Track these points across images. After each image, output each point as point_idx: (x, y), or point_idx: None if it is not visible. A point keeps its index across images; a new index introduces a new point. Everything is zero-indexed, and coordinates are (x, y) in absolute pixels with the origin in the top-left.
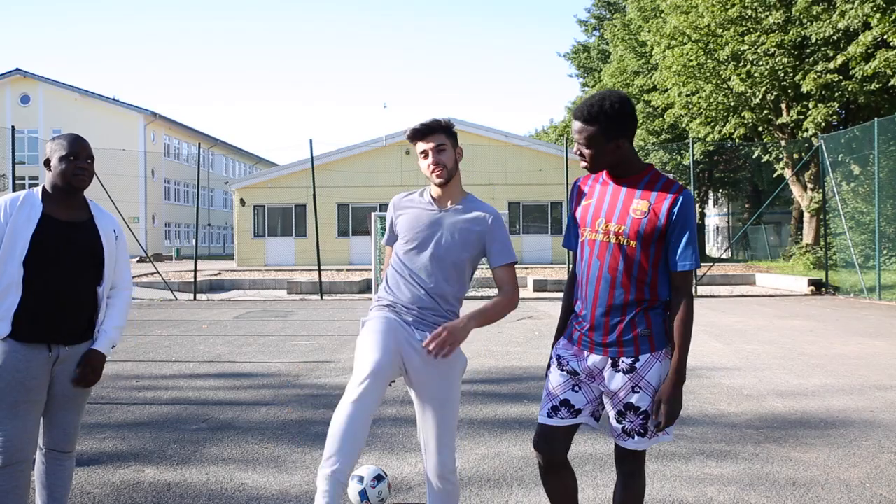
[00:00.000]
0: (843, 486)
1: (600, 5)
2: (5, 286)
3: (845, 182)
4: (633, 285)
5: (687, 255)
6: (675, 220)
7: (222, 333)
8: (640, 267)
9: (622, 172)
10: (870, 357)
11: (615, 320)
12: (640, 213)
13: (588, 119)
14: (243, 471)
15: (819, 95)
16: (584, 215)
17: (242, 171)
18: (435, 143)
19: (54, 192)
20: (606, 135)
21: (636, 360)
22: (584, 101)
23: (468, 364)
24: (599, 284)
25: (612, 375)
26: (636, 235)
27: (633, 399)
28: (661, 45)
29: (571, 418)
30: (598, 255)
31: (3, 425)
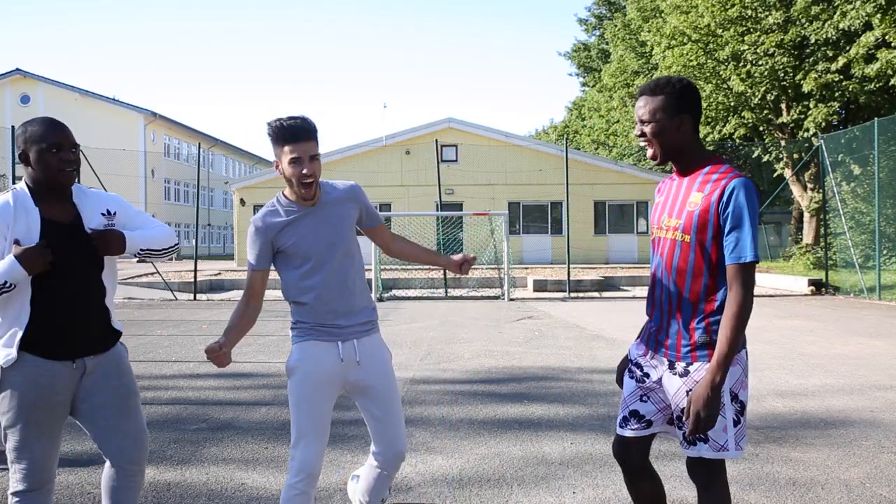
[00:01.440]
0: (843, 486)
1: (601, 4)
2: (10, 307)
3: (845, 182)
4: (688, 284)
5: (740, 247)
6: (725, 209)
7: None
8: (696, 264)
9: (687, 164)
10: (870, 357)
11: (673, 321)
12: (693, 205)
13: (654, 90)
14: (243, 471)
15: (819, 95)
16: (655, 214)
17: (242, 171)
18: (311, 152)
19: (40, 190)
20: (670, 108)
21: (690, 364)
22: (647, 82)
23: (469, 364)
24: (660, 283)
25: (669, 378)
26: (690, 229)
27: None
28: (661, 45)
29: (643, 429)
30: (660, 253)
31: (30, 447)
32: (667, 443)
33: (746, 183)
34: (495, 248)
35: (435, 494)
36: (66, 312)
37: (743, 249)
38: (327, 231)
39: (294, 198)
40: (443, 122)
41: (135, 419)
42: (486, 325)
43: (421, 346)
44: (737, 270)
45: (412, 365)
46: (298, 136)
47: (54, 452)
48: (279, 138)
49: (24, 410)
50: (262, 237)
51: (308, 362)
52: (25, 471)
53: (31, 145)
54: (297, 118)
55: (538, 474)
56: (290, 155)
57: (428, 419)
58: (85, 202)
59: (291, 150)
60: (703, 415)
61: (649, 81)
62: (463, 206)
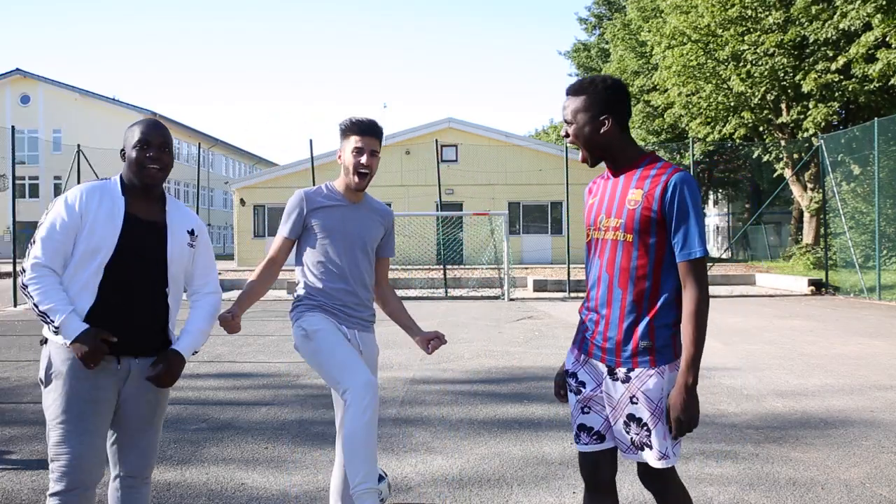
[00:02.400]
0: (843, 486)
1: (601, 4)
2: (79, 288)
3: (845, 182)
4: (631, 285)
5: (689, 243)
6: (669, 205)
7: (222, 333)
8: (638, 264)
9: (619, 163)
10: (870, 357)
11: (613, 325)
12: (633, 202)
13: (577, 90)
14: (243, 471)
15: (819, 95)
16: (589, 215)
17: (242, 171)
18: (373, 147)
19: (131, 186)
20: (592, 108)
21: (631, 370)
22: (571, 83)
23: (469, 364)
24: (599, 285)
25: (610, 385)
26: (632, 228)
27: (632, 410)
28: (661, 45)
29: (596, 443)
30: (599, 254)
31: (70, 441)
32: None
33: (688, 177)
34: (495, 248)
35: (435, 494)
36: (123, 310)
37: (692, 246)
38: (355, 227)
39: (342, 188)
40: (443, 122)
41: (152, 436)
42: (486, 325)
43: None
44: (688, 268)
45: (412, 365)
46: (366, 131)
47: (97, 453)
48: (350, 129)
49: (67, 401)
50: (299, 208)
51: (329, 323)
52: (64, 468)
53: (128, 140)
54: (369, 118)
55: (538, 474)
56: (354, 144)
57: (428, 419)
58: (175, 213)
59: (358, 140)
60: (685, 418)
61: (574, 82)
62: (463, 206)
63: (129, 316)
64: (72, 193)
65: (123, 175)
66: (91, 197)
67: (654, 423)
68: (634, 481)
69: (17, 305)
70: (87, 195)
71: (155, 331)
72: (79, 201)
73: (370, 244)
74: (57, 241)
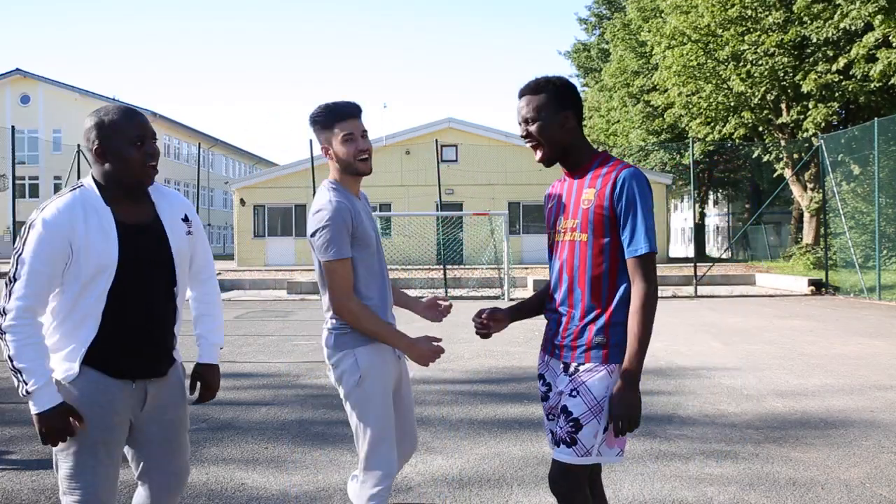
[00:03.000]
0: (843, 486)
1: (601, 4)
2: (80, 319)
3: (845, 182)
4: (588, 285)
5: (636, 239)
6: (617, 201)
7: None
8: (594, 263)
9: (575, 162)
10: (870, 357)
11: (572, 324)
12: (587, 202)
13: (535, 89)
14: (243, 471)
15: (819, 95)
16: (549, 217)
17: (242, 171)
18: (363, 128)
19: (112, 188)
20: (554, 103)
21: (582, 364)
22: (526, 82)
23: (469, 364)
24: (560, 287)
25: (560, 378)
26: (586, 228)
27: (567, 402)
28: (661, 45)
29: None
30: (558, 256)
31: (84, 474)
32: (667, 443)
33: (636, 173)
34: (495, 247)
35: (435, 494)
36: (138, 327)
37: (638, 242)
38: (373, 223)
39: (346, 186)
40: (443, 122)
41: (181, 456)
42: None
43: None
44: (636, 264)
45: (412, 365)
46: (347, 115)
47: (111, 483)
48: (328, 120)
49: (81, 431)
50: (347, 219)
51: (381, 365)
52: (79, 502)
53: (111, 138)
54: (345, 100)
55: (538, 474)
56: (343, 133)
57: (428, 419)
58: (164, 203)
59: (343, 127)
60: (625, 414)
61: (528, 82)
62: (463, 206)
63: (141, 336)
64: (49, 214)
65: (99, 177)
66: (74, 215)
67: (588, 419)
68: (634, 481)
69: None
70: (69, 214)
71: (165, 345)
72: (62, 223)
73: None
74: (44, 276)
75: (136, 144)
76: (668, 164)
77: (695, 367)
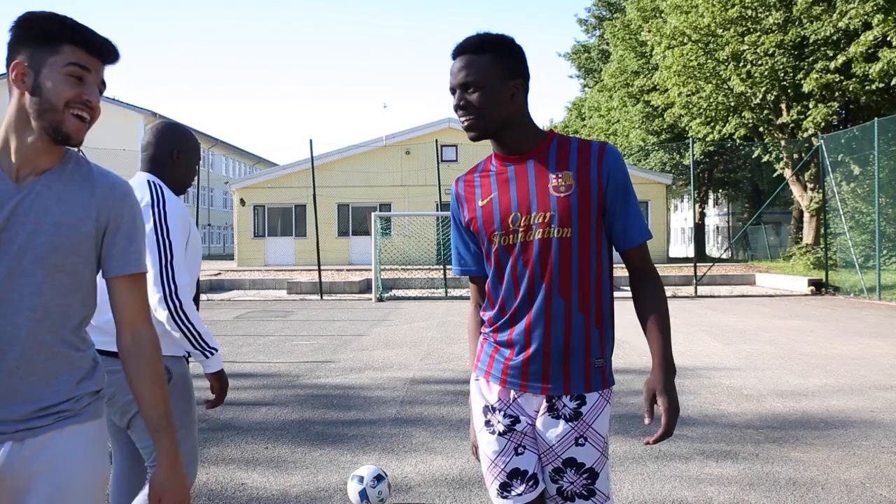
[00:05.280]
0: (843, 486)
1: (600, 5)
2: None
3: (845, 182)
4: (576, 290)
5: (639, 224)
6: (611, 183)
7: (222, 333)
8: (582, 262)
9: (519, 143)
10: (870, 357)
11: (558, 343)
12: (564, 188)
13: (477, 48)
14: (243, 471)
15: (819, 95)
16: (489, 217)
17: (242, 171)
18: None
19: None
20: (501, 68)
21: (583, 401)
22: (464, 38)
23: (468, 364)
24: (533, 299)
25: (548, 423)
26: (569, 220)
27: (575, 454)
28: (661, 45)
29: (531, 490)
30: (524, 261)
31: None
32: (667, 443)
33: (617, 150)
34: None
35: (435, 494)
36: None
37: (640, 228)
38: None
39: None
40: (443, 122)
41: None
42: None
43: (421, 346)
44: (640, 252)
45: (412, 365)
46: (86, 41)
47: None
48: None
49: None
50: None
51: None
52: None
53: (192, 153)
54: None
55: None
56: (70, 60)
57: (428, 419)
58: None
59: (74, 54)
60: (676, 409)
61: (467, 37)
62: None
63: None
64: (174, 200)
65: (165, 177)
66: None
67: (602, 464)
68: (634, 481)
69: None
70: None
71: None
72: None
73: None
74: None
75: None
76: (668, 164)
77: (695, 367)
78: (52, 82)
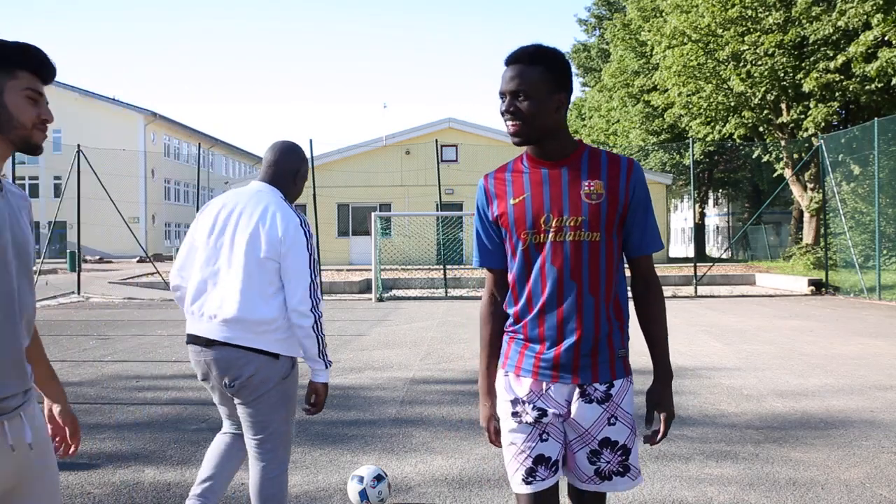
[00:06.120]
0: (843, 486)
1: (600, 5)
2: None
3: (845, 182)
4: (602, 289)
5: (654, 234)
6: (636, 195)
7: None
8: (608, 264)
9: (557, 150)
10: (870, 357)
11: (588, 337)
12: (595, 196)
13: (531, 59)
14: (243, 470)
15: (819, 95)
16: (521, 215)
17: (242, 171)
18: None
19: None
20: (551, 81)
21: (611, 385)
22: (518, 48)
23: (469, 364)
24: (562, 297)
25: (582, 407)
26: (598, 226)
27: (610, 434)
28: (662, 44)
29: (552, 476)
30: (554, 261)
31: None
32: (667, 443)
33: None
34: None
35: (435, 494)
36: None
37: (654, 238)
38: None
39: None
40: (443, 122)
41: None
42: None
43: (421, 346)
44: (647, 261)
45: (412, 365)
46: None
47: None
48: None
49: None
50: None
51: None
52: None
53: (306, 176)
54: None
55: None
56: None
57: (428, 419)
58: None
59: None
60: (672, 413)
61: (523, 47)
62: (463, 206)
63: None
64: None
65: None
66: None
67: (632, 440)
68: None
69: None
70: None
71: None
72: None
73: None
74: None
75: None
76: (668, 164)
77: (695, 367)
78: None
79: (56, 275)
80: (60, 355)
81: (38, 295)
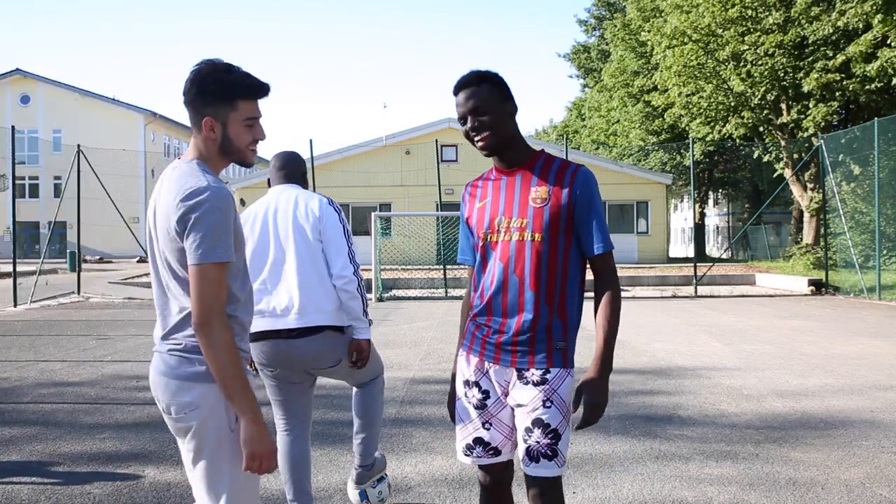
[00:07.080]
0: (843, 486)
1: (600, 5)
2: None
3: (845, 182)
4: (543, 286)
5: (601, 236)
6: (579, 200)
7: None
8: (550, 263)
9: (514, 158)
10: (870, 357)
11: (526, 327)
12: (540, 200)
13: (477, 81)
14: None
15: (819, 95)
16: (481, 217)
17: (242, 171)
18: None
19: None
20: (500, 96)
21: (547, 371)
22: (461, 77)
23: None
24: (507, 290)
25: (520, 388)
26: (541, 227)
27: (543, 415)
28: (662, 45)
29: (490, 457)
30: (501, 257)
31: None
32: (666, 443)
33: (591, 173)
34: None
35: (435, 494)
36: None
37: (603, 239)
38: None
39: (215, 170)
40: (443, 122)
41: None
42: None
43: (421, 346)
44: (602, 260)
45: (412, 365)
46: (258, 92)
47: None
48: (232, 92)
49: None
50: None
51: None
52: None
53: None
54: (248, 72)
55: None
56: (247, 114)
57: (428, 419)
58: None
59: (249, 108)
60: (600, 404)
61: (466, 75)
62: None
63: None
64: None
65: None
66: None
67: (563, 427)
68: (634, 481)
69: (17, 305)
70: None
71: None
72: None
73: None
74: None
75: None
76: (668, 164)
77: (695, 367)
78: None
79: (56, 275)
80: (60, 355)
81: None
